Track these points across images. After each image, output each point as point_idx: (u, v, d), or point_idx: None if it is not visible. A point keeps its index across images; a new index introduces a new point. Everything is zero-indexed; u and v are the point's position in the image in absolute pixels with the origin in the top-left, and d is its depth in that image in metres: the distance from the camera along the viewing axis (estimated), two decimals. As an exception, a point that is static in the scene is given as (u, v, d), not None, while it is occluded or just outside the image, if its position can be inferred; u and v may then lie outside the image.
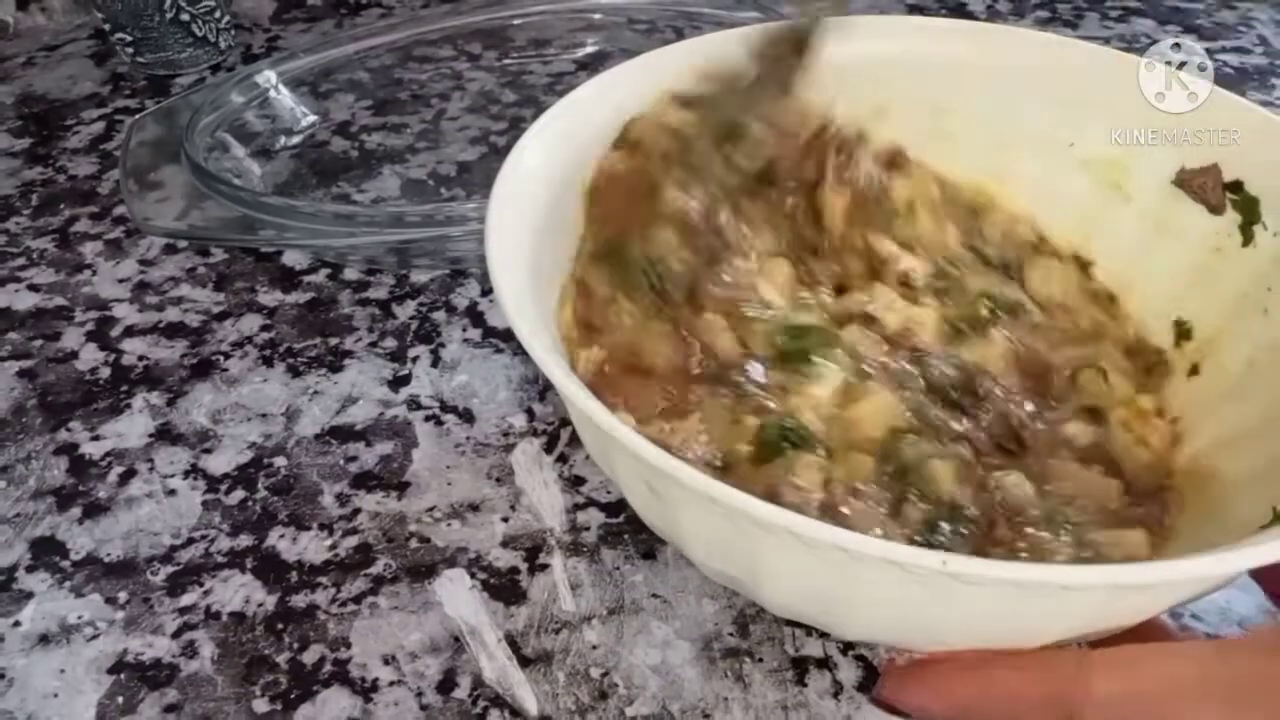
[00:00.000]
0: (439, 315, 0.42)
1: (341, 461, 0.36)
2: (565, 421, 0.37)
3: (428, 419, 0.37)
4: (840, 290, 0.33)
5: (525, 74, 0.59)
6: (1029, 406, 0.30)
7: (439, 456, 0.36)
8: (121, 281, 0.45)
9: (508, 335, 0.41)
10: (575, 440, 0.36)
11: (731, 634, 0.29)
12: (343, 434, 0.37)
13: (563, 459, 0.35)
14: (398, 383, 0.39)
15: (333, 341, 0.41)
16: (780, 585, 0.23)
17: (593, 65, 0.60)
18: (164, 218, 0.43)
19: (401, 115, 0.56)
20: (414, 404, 0.38)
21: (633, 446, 0.21)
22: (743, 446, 0.27)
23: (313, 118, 0.55)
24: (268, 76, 0.54)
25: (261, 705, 0.28)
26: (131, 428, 0.38)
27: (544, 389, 0.38)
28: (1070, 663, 0.20)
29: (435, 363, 0.40)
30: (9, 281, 0.46)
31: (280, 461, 0.36)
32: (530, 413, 0.37)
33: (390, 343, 0.41)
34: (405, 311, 0.43)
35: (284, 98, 0.54)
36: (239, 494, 0.35)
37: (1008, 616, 0.21)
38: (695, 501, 0.21)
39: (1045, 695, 0.20)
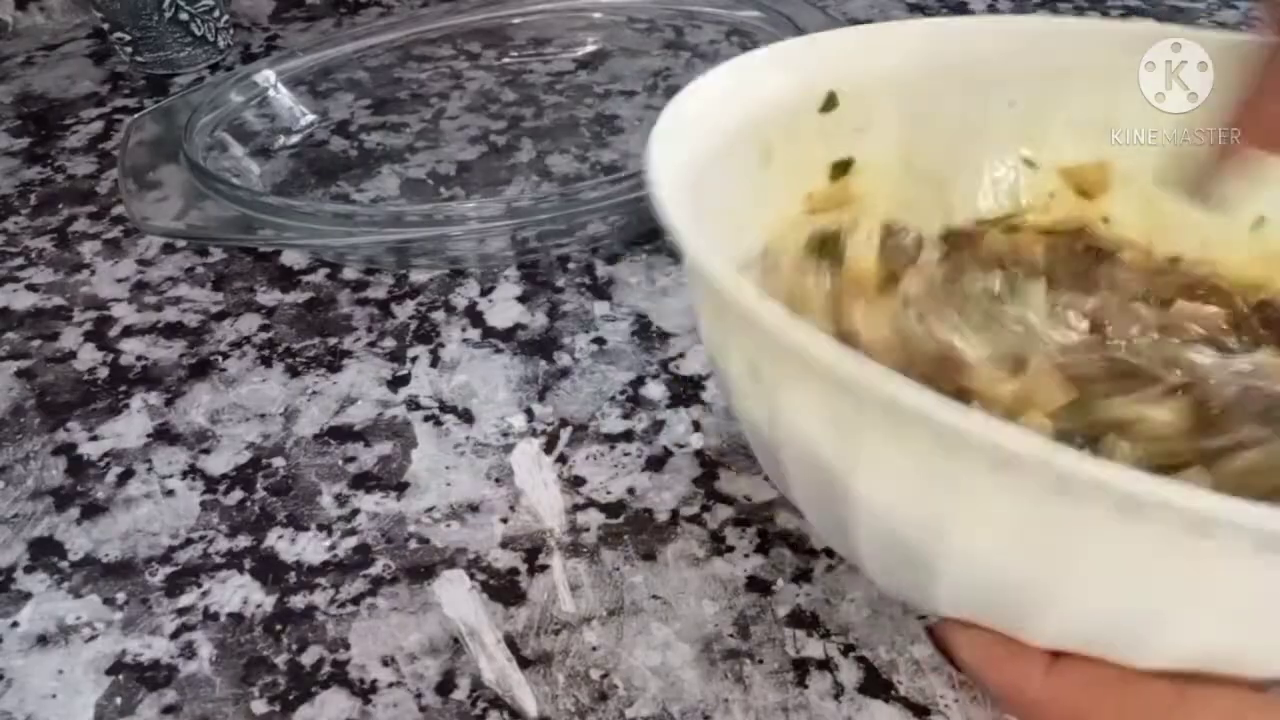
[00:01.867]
0: (438, 315, 0.42)
1: (340, 462, 0.36)
2: (565, 421, 0.37)
3: (427, 419, 0.37)
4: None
5: (525, 73, 0.59)
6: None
7: (438, 457, 0.36)
8: (120, 281, 0.45)
9: (507, 335, 0.41)
10: (575, 440, 0.36)
11: (732, 635, 0.29)
12: (341, 434, 0.37)
13: (562, 459, 0.35)
14: (397, 383, 0.39)
15: (331, 341, 0.41)
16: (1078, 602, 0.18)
17: (593, 64, 0.60)
18: (162, 217, 0.43)
19: (401, 114, 0.56)
20: (413, 404, 0.38)
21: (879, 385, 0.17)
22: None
23: (311, 117, 0.55)
24: (266, 76, 0.54)
25: (260, 706, 0.28)
26: (130, 428, 0.38)
27: (543, 389, 0.38)
28: (1167, 694, 0.18)
29: (434, 363, 0.40)
30: (7, 281, 0.46)
31: (279, 462, 0.36)
32: (530, 413, 0.37)
33: (389, 343, 0.41)
34: (404, 311, 0.42)
35: (283, 97, 0.54)
36: (237, 494, 0.35)
37: None
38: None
39: None
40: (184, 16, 0.61)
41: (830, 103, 0.32)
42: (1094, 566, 0.17)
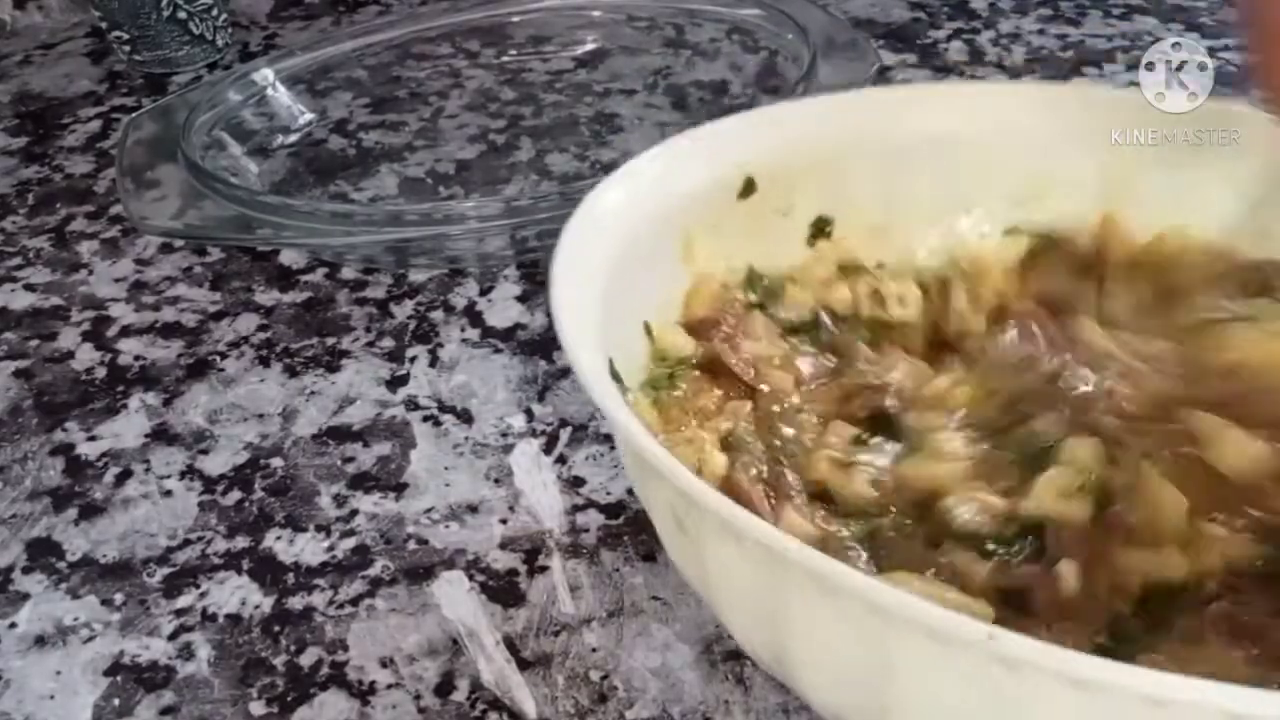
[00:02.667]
0: (437, 315, 0.42)
1: (339, 462, 0.36)
2: (565, 422, 0.36)
3: (426, 419, 0.37)
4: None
5: (524, 71, 0.59)
6: None
7: (437, 457, 0.36)
8: (118, 281, 0.45)
9: (506, 335, 0.41)
10: (574, 441, 0.36)
11: (732, 637, 0.29)
12: (340, 434, 0.37)
13: (562, 460, 0.35)
14: (395, 383, 0.39)
15: (330, 341, 0.41)
16: None
17: (592, 62, 0.59)
18: (160, 216, 0.43)
19: (399, 113, 0.56)
20: (412, 404, 0.38)
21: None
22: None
23: (310, 116, 0.55)
24: (265, 74, 0.53)
25: (258, 708, 0.28)
26: (128, 428, 0.38)
27: (543, 389, 0.38)
28: None
29: (433, 363, 0.40)
30: (5, 281, 0.46)
31: (277, 462, 0.36)
32: (529, 413, 0.37)
33: (388, 342, 0.41)
34: (403, 311, 0.42)
35: (281, 96, 0.54)
36: (235, 495, 0.35)
37: None
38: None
39: None
40: (182, 15, 0.61)
41: (749, 188, 0.31)
42: None
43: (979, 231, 0.33)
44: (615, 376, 0.25)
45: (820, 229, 0.32)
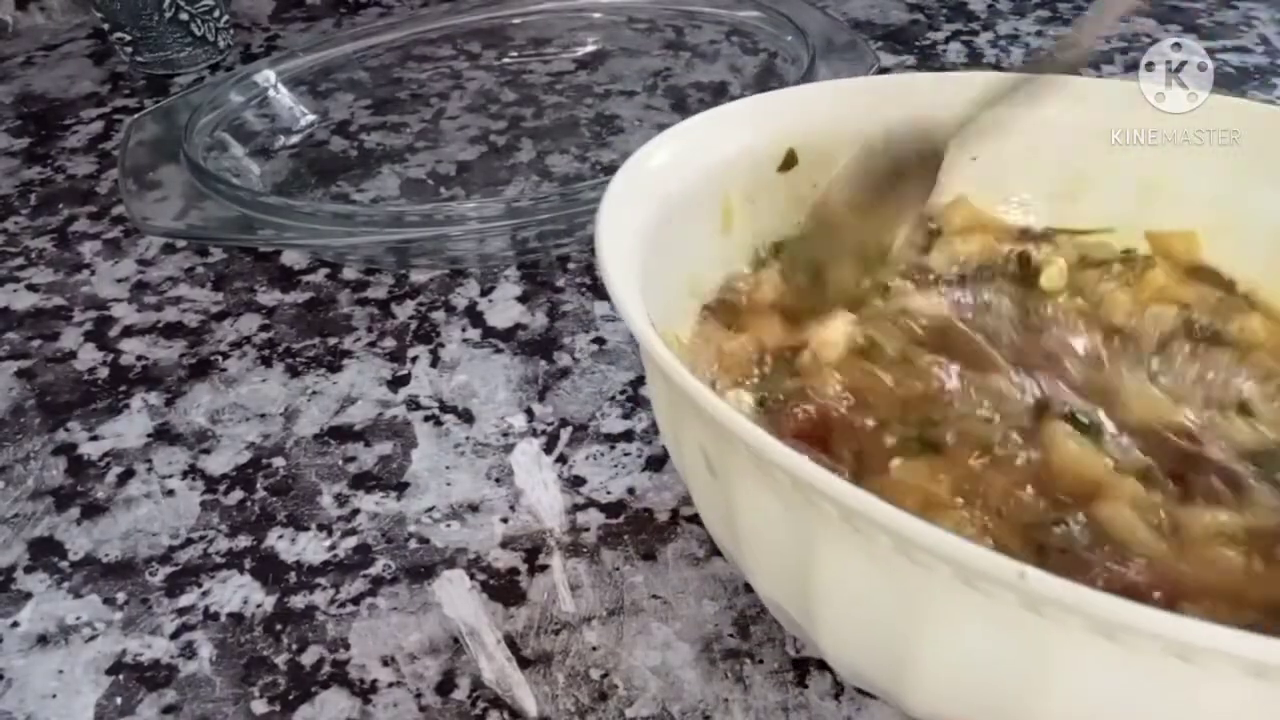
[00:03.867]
0: (438, 315, 0.42)
1: (340, 462, 0.36)
2: (565, 422, 0.37)
3: (427, 419, 0.37)
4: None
5: (525, 73, 0.59)
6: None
7: (438, 457, 0.36)
8: (120, 281, 0.45)
9: (507, 335, 0.41)
10: (575, 441, 0.36)
11: (732, 635, 0.29)
12: (341, 434, 0.37)
13: (562, 459, 0.35)
14: (397, 383, 0.39)
15: (331, 341, 0.41)
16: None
17: (592, 64, 0.60)
18: (163, 217, 0.43)
19: (400, 114, 0.56)
20: (413, 404, 0.38)
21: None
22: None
23: (312, 117, 0.55)
24: (267, 76, 0.54)
25: (260, 706, 0.28)
26: (130, 428, 0.38)
27: (543, 389, 0.38)
28: None
29: (434, 363, 0.40)
30: (7, 281, 0.46)
31: (279, 462, 0.36)
32: (530, 413, 0.37)
33: (389, 343, 0.41)
34: (404, 311, 0.42)
35: (283, 97, 0.54)
36: (237, 494, 0.35)
37: None
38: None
39: None
40: (184, 16, 0.61)
41: (790, 161, 0.31)
42: (1073, 687, 0.16)
43: (1021, 223, 0.33)
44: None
45: None
